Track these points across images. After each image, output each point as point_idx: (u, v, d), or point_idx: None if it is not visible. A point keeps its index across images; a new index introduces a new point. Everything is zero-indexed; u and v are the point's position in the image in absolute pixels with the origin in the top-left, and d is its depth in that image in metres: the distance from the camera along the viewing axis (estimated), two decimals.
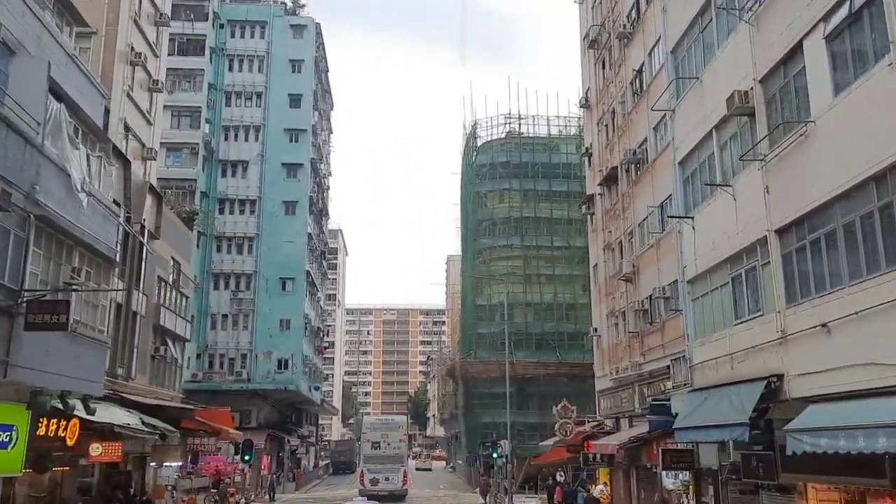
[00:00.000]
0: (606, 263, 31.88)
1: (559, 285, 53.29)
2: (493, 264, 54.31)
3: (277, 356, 53.14)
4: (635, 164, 28.15)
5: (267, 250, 54.56)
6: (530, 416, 51.35)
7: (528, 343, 52.16)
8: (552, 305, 53.07)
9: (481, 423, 52.80)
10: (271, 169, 55.86)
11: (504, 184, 54.80)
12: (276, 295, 54.15)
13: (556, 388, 52.19)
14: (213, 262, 53.98)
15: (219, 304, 53.53)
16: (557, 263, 53.64)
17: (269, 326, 53.52)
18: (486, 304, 53.84)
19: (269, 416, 54.58)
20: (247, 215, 55.27)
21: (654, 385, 25.49)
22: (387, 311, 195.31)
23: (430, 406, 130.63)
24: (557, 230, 54.12)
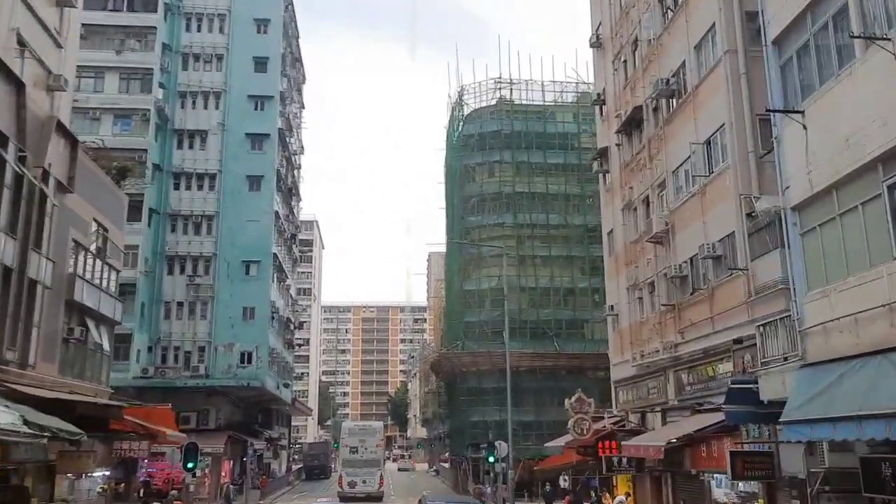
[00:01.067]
0: (626, 227, 26.40)
1: (556, 268, 47.85)
2: (482, 245, 48.70)
3: (240, 349, 47.21)
4: (668, 98, 22.69)
5: (228, 230, 48.63)
6: (525, 413, 45.84)
7: (521, 332, 46.63)
8: (548, 290, 47.61)
9: (469, 421, 47.19)
10: (234, 140, 49.91)
11: (494, 155, 49.23)
12: (238, 280, 48.22)
13: (553, 383, 46.86)
14: (168, 243, 47.94)
15: (173, 291, 47.51)
16: (554, 243, 48.19)
17: (231, 315, 47.58)
18: (474, 288, 48.28)
19: (230, 417, 48.60)
20: (205, 191, 49.27)
21: (697, 370, 20.04)
22: (366, 308, 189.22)
23: (412, 406, 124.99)
24: (554, 206, 48.67)
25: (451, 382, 53.87)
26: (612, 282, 28.56)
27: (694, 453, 18.63)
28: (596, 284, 48.01)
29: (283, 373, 57.01)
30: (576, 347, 46.41)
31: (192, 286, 47.40)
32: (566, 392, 47.53)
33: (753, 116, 17.93)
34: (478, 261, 48.62)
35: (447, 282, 54.83)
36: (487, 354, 45.41)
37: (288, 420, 77.77)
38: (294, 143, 60.08)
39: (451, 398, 54.63)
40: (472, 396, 47.28)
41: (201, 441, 43.18)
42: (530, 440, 44.91)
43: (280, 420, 69.44)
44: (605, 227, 29.84)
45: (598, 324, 47.59)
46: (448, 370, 51.02)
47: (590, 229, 48.50)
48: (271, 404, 59.04)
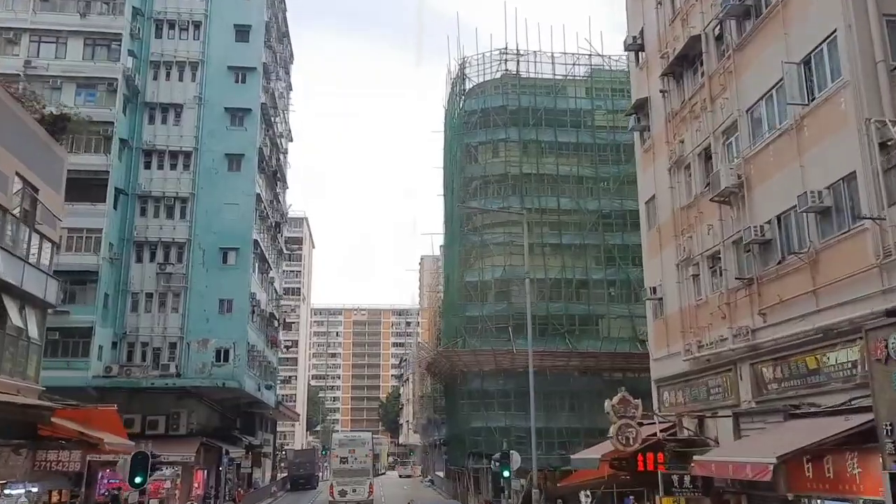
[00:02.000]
0: (675, 190, 21.63)
1: (568, 257, 43.08)
2: (487, 232, 43.90)
3: (216, 345, 42.25)
4: (739, 20, 17.96)
5: (204, 214, 43.72)
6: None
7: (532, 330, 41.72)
8: (559, 282, 42.81)
9: (470, 427, 42.29)
10: (212, 115, 45.02)
11: (499, 133, 44.47)
12: (214, 269, 43.29)
13: (565, 385, 42.12)
14: (136, 227, 43.01)
15: (142, 280, 42.53)
16: (566, 230, 43.43)
17: (206, 308, 42.65)
18: (476, 280, 43.42)
19: (205, 422, 43.62)
20: (179, 170, 44.36)
21: (790, 361, 15.26)
22: (357, 311, 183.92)
23: (404, 411, 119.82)
24: (565, 189, 43.93)
25: (449, 385, 49.00)
26: (653, 260, 23.77)
27: (794, 472, 13.81)
28: (612, 276, 43.38)
29: (266, 373, 52.02)
30: (590, 346, 41.64)
31: (162, 275, 42.49)
32: (579, 395, 43.00)
33: (881, 16, 13.27)
34: (480, 249, 43.80)
35: (446, 273, 49.98)
36: (491, 353, 40.59)
37: (273, 426, 72.66)
38: (280, 125, 55.22)
39: (450, 402, 49.77)
40: (474, 400, 42.42)
41: (170, 448, 38.52)
42: (541, 450, 39.99)
43: (264, 425, 64.41)
44: (644, 194, 25.10)
45: (614, 319, 42.91)
46: (447, 371, 46.15)
47: (605, 215, 43.86)
48: (253, 408, 54.03)
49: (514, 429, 40.49)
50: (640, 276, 43.24)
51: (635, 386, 41.96)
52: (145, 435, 39.10)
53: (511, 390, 41.26)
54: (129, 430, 39.68)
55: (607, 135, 44.55)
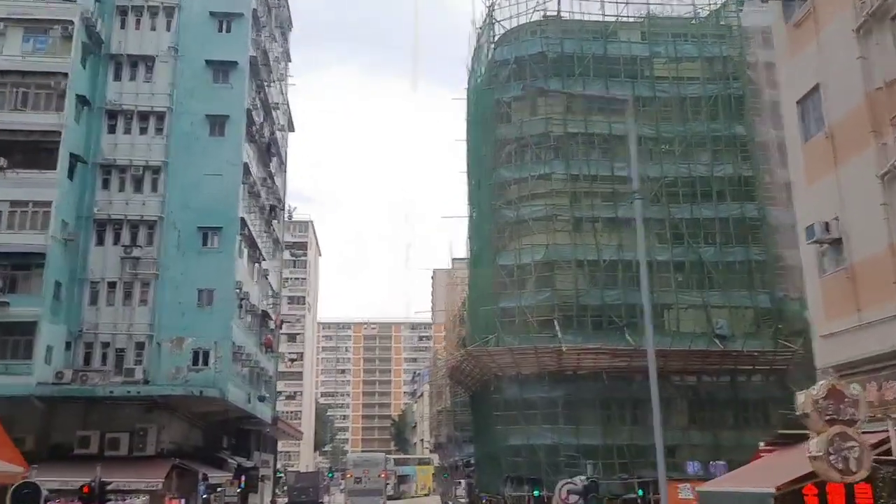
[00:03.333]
0: (871, 60, 13.46)
1: (625, 234, 34.99)
2: (524, 205, 35.87)
3: (193, 345, 34.38)
4: None
5: (180, 187, 36.05)
6: (586, 434, 32.85)
7: (580, 322, 33.76)
8: (615, 265, 34.72)
9: (507, 446, 34.04)
10: (190, 69, 37.39)
11: (537, 86, 36.48)
12: (192, 253, 35.53)
13: (625, 392, 33.90)
14: (97, 202, 35.34)
15: (103, 266, 34.77)
16: (621, 202, 35.40)
17: (182, 300, 34.82)
18: (512, 264, 35.34)
19: (180, 439, 35.64)
20: (150, 135, 36.69)
21: None
22: (367, 325, 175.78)
23: (418, 429, 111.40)
24: (619, 153, 35.88)
25: (478, 394, 40.76)
26: (818, 183, 15.64)
27: None
28: (680, 257, 35.22)
29: (259, 383, 43.96)
30: (656, 342, 33.27)
31: (128, 260, 34.77)
32: (643, 404, 34.36)
33: None
34: (516, 227, 35.79)
35: (473, 257, 41.82)
36: (533, 352, 32.45)
37: (273, 445, 64.32)
38: (274, 94, 47.52)
39: (479, 415, 41.49)
40: (511, 411, 34.18)
41: (134, 473, 30.77)
42: (596, 472, 31.74)
43: (262, 445, 56.10)
44: (795, 89, 16.98)
45: (684, 310, 34.72)
46: (475, 376, 38.01)
47: (669, 183, 35.84)
48: (246, 424, 45.87)
49: (563, 447, 32.31)
50: (715, 258, 35.34)
51: (715, 394, 34.01)
52: (104, 456, 31.55)
53: (558, 399, 33.13)
54: (85, 451, 32.10)
55: (670, 87, 36.60)
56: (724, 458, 32.05)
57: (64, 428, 32.42)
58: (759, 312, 34.41)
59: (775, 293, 34.30)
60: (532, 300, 34.24)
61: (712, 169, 35.78)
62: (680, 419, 33.38)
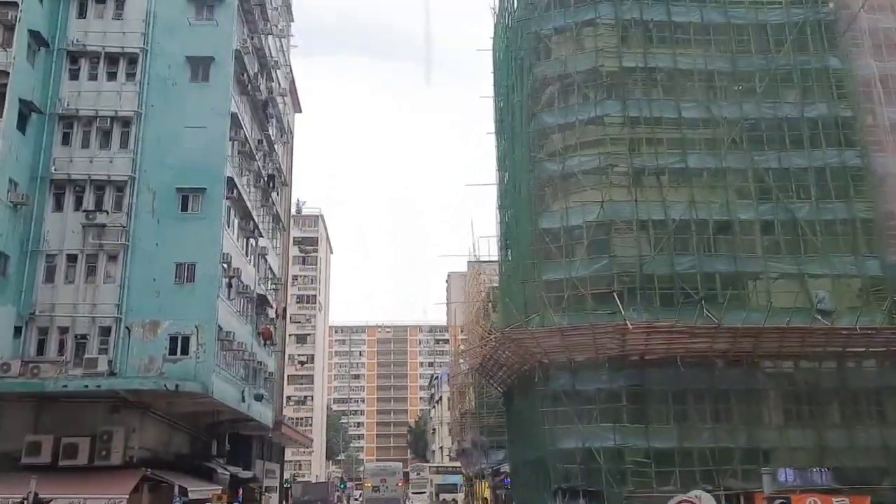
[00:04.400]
0: None
1: (698, 188, 28.58)
2: (572, 156, 29.37)
3: (169, 330, 28.20)
4: None
5: (156, 141, 30.03)
6: (659, 435, 26.27)
7: (645, 296, 27.22)
8: (687, 225, 28.21)
9: (556, 450, 27.40)
10: (167, 3, 31.35)
11: (585, 13, 30.27)
12: (170, 219, 29.42)
13: (705, 381, 27.27)
14: (55, 160, 29.38)
15: (62, 236, 28.74)
16: (692, 149, 29.02)
17: (157, 276, 28.70)
18: (558, 227, 28.85)
19: (155, 444, 29.38)
20: (121, 81, 30.64)
21: None
22: (381, 328, 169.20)
23: (437, 435, 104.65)
24: (688, 91, 29.55)
25: (516, 388, 34.15)
26: None
27: None
28: (767, 216, 28.60)
29: (256, 380, 37.59)
30: (737, 319, 26.68)
31: (92, 228, 28.75)
32: (727, 397, 27.62)
33: None
34: (562, 182, 29.37)
35: (509, 220, 35.22)
36: (590, 332, 25.85)
37: (280, 453, 57.95)
38: (273, 49, 41.28)
39: (517, 414, 34.82)
40: (561, 407, 27.52)
41: (95, 485, 24.85)
42: (671, 482, 25.18)
43: (265, 453, 49.78)
44: None
45: (774, 280, 28.08)
46: (513, 367, 31.47)
47: (752, 127, 29.33)
48: (243, 428, 39.52)
49: (630, 451, 25.71)
50: (811, 216, 28.55)
51: (817, 383, 27.15)
52: (58, 467, 25.58)
53: (622, 390, 26.56)
54: (35, 460, 25.80)
55: (746, 13, 30.07)
56: (830, 464, 25.47)
57: (11, 432, 26.28)
58: (867, 282, 27.74)
59: (887, 258, 27.65)
60: (585, 270, 27.70)
61: (802, 109, 29.28)
62: (774, 416, 26.83)
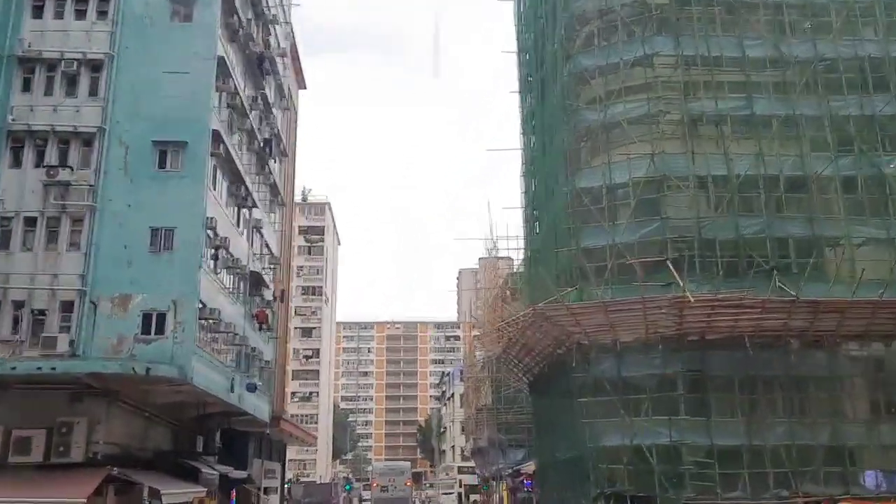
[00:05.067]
0: None
1: (766, 139, 24.11)
2: (615, 104, 24.96)
3: (143, 305, 24.01)
4: None
5: (130, 88, 25.88)
6: (723, 430, 21.84)
7: (705, 265, 22.80)
8: (754, 182, 23.81)
9: (598, 448, 22.96)
10: None
11: None
12: (144, 178, 25.26)
13: (780, 365, 22.78)
14: (13, 109, 25.33)
15: (18, 195, 24.69)
16: (758, 93, 24.59)
17: (129, 243, 24.53)
18: (599, 185, 24.43)
19: (129, 439, 25.18)
20: (90, 19, 26.49)
21: None
22: (391, 324, 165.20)
23: (448, 435, 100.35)
24: (752, 25, 25.10)
25: (546, 377, 29.72)
26: None
27: None
28: (848, 171, 24.12)
29: (250, 368, 33.35)
30: (816, 292, 22.18)
31: (54, 187, 24.64)
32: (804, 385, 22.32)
33: None
34: (604, 133, 24.89)
35: (536, 187, 30.82)
36: (641, 306, 21.45)
37: (281, 451, 53.75)
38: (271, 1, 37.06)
39: (546, 406, 30.36)
40: (604, 396, 23.10)
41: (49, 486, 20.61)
42: (738, 486, 20.78)
43: (263, 450, 45.64)
44: None
45: (859, 246, 23.60)
46: (544, 351, 27.05)
47: (829, 68, 24.84)
48: (237, 423, 35.29)
49: (689, 449, 21.31)
50: None
51: None
52: (7, 464, 21.61)
53: (678, 377, 22.21)
54: None
55: None
56: None
57: None
58: None
59: None
60: (632, 235, 23.33)
61: (887, 48, 24.76)
62: (859, 407, 22.32)
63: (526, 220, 33.59)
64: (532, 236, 31.46)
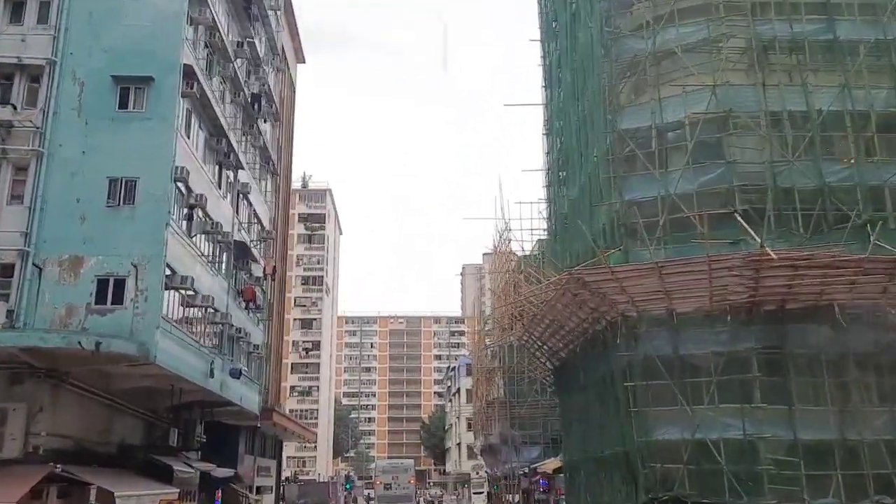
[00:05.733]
0: None
1: (852, 70, 19.77)
2: (664, 28, 20.69)
3: (98, 269, 20.10)
4: None
5: (86, 16, 22.08)
6: (810, 422, 17.50)
7: (781, 218, 18.53)
8: (840, 120, 19.51)
9: (650, 443, 18.67)
10: None
11: None
12: (102, 119, 21.39)
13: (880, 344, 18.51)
14: None
15: None
16: (841, 16, 20.32)
17: (83, 196, 20.63)
18: (647, 125, 20.19)
19: (82, 431, 21.13)
20: None
21: None
22: (394, 319, 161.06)
23: (453, 431, 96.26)
24: None
25: (577, 358, 25.41)
26: None
27: None
28: None
29: (235, 352, 29.27)
30: None
31: None
32: None
33: None
34: (653, 64, 20.59)
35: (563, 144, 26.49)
36: (705, 266, 17.19)
37: (277, 448, 49.65)
38: None
39: (577, 393, 26.07)
40: (656, 380, 18.82)
41: None
42: (830, 491, 16.56)
43: (254, 445, 41.56)
44: None
45: None
46: (579, 326, 22.77)
47: None
48: (222, 414, 31.18)
49: (767, 444, 17.08)
50: None
51: None
52: None
53: (752, 355, 17.90)
54: None
55: None
56: None
57: None
58: None
59: None
60: (689, 184, 19.07)
61: None
62: None
63: (549, 184, 29.39)
64: (558, 201, 27.25)
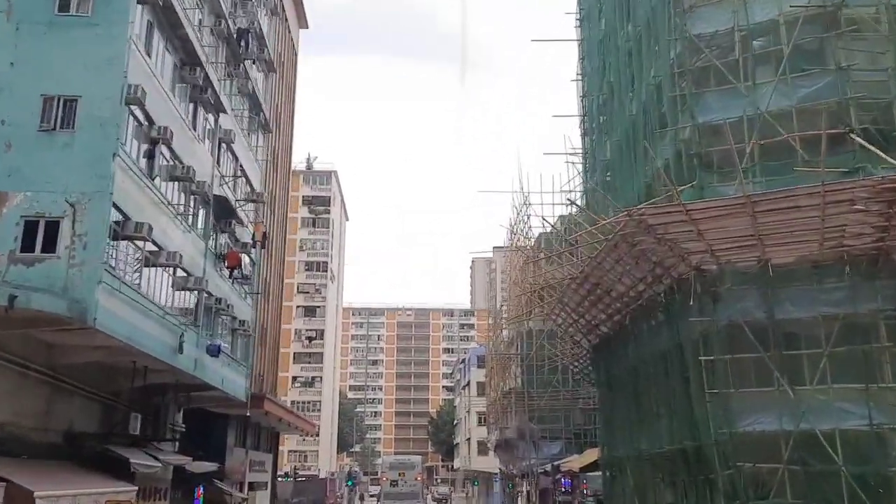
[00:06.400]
0: None
1: None
2: None
3: (25, 207, 15.76)
4: None
5: None
6: None
7: None
8: None
9: (735, 434, 14.18)
10: None
11: None
12: (35, 25, 17.04)
13: None
14: None
15: None
16: None
17: (9, 116, 16.38)
18: (727, 29, 15.70)
19: (13, 416, 16.72)
20: None
21: None
22: (402, 311, 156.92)
23: (462, 426, 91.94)
24: None
25: (628, 330, 20.93)
26: None
27: None
28: None
29: (214, 326, 24.88)
30: None
31: None
32: None
33: None
34: None
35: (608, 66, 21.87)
36: (815, 200, 12.66)
37: (273, 441, 45.41)
38: None
39: (624, 374, 21.60)
40: (740, 352, 14.36)
41: None
42: None
43: (252, 439, 37.39)
44: None
45: None
46: (634, 287, 18.28)
47: None
48: (199, 399, 26.88)
49: None
50: None
51: None
52: None
53: (876, 318, 13.43)
54: None
55: None
56: None
57: None
58: None
59: None
60: (785, 99, 14.60)
61: None
62: None
63: (585, 132, 24.96)
64: (599, 147, 22.79)
